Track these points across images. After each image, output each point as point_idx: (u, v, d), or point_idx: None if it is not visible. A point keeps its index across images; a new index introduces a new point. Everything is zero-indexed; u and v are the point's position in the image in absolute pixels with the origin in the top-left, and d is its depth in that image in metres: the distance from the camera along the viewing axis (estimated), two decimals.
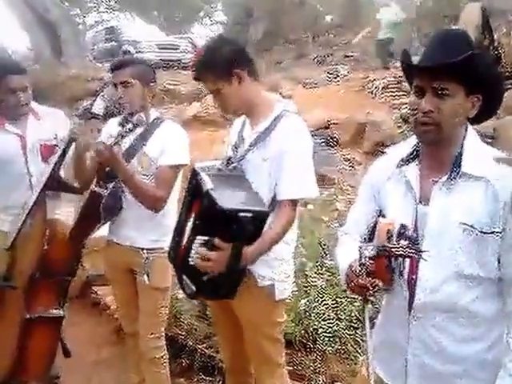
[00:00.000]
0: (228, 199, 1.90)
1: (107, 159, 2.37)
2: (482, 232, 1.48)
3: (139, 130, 2.52)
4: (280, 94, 2.17)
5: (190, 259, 1.97)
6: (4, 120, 2.87)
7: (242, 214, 1.86)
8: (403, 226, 1.37)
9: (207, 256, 1.91)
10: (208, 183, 1.93)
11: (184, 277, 2.04)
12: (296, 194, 2.08)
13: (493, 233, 1.48)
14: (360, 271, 1.48)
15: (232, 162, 2.16)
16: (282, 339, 2.33)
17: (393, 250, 1.37)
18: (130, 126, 2.36)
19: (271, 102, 2.18)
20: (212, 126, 8.69)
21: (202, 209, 1.95)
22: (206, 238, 1.93)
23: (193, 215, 2.02)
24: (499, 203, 1.47)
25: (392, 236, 1.41)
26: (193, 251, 1.96)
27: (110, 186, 2.51)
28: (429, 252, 1.40)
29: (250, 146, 2.14)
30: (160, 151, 2.50)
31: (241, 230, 1.88)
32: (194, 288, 2.02)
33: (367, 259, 1.45)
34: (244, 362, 2.40)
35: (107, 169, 2.47)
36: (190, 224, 2.02)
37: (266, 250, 2.03)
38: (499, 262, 1.49)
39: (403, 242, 1.35)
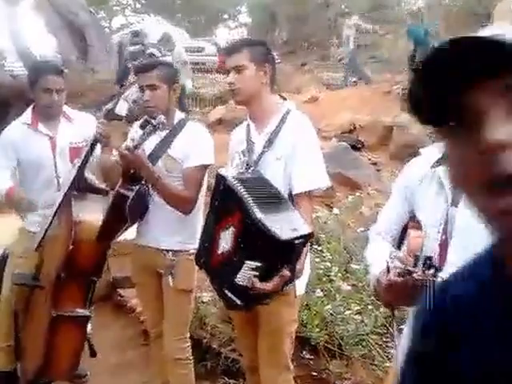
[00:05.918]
0: (279, 226, 1.86)
1: (131, 162, 2.39)
2: None
3: (163, 133, 2.53)
4: (282, 96, 2.26)
5: (238, 280, 1.92)
6: (37, 119, 2.92)
7: (297, 242, 1.89)
8: (429, 258, 1.33)
9: (266, 286, 1.90)
10: (257, 211, 1.87)
11: (227, 291, 2.00)
12: (310, 186, 2.19)
13: None
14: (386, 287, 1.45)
15: (250, 166, 2.22)
16: None
17: (418, 278, 1.33)
18: (150, 127, 2.34)
19: (275, 104, 2.29)
20: None
21: (251, 235, 1.90)
22: (258, 264, 1.89)
23: (232, 230, 1.98)
24: None
25: (418, 260, 1.37)
26: (242, 273, 1.91)
27: (136, 187, 2.49)
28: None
29: (264, 147, 2.22)
30: (185, 153, 2.50)
31: (295, 254, 1.93)
32: (240, 303, 1.99)
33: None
34: None
35: (132, 171, 2.47)
36: (227, 235, 1.99)
37: None
38: None
39: (429, 272, 1.31)
